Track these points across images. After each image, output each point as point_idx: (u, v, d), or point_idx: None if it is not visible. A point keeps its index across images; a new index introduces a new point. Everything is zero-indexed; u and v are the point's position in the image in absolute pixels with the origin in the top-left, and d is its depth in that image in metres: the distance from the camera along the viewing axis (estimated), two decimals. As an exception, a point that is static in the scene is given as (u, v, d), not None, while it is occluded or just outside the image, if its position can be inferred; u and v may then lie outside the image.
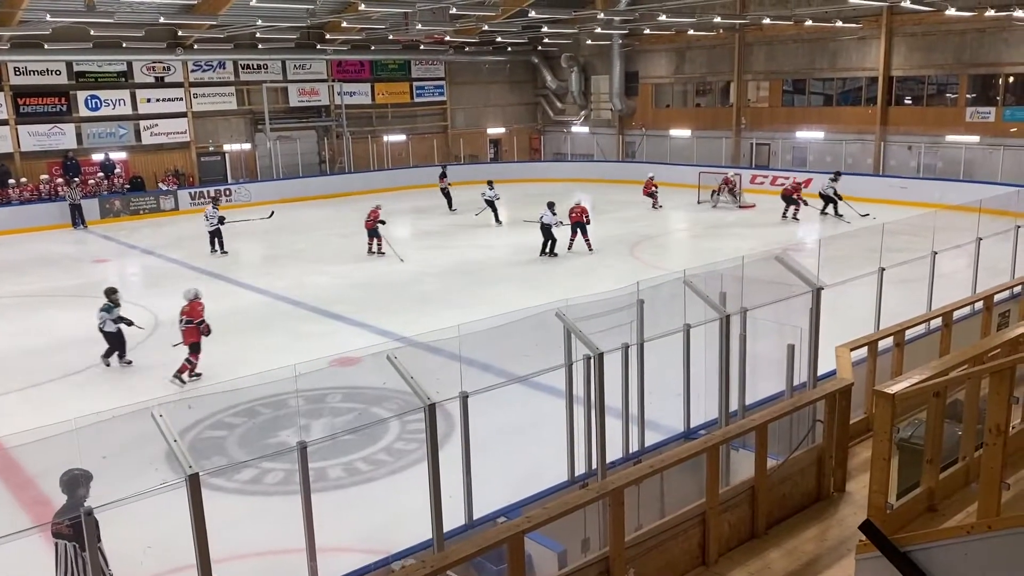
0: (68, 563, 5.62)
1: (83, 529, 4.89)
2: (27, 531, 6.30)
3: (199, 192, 31.01)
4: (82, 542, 5.43)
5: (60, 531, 5.61)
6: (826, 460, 7.06)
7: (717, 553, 6.24)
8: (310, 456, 5.67)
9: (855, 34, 30.09)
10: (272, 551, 7.84)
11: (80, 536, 5.41)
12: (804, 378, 8.16)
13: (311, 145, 35.34)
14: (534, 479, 7.40)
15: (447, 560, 5.08)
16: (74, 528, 5.53)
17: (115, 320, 13.42)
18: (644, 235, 23.70)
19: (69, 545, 5.60)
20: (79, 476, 5.59)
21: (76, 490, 5.60)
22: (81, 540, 5.44)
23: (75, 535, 5.54)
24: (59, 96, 29.29)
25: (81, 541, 5.45)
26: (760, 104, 34.23)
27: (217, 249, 22.76)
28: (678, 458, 6.23)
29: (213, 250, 22.75)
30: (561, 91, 40.29)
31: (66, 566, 5.64)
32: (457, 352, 6.81)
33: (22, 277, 20.66)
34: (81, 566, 5.57)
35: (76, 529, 5.50)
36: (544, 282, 18.30)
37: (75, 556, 5.59)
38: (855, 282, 10.22)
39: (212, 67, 32.19)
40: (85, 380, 13.02)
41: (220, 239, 22.82)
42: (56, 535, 5.63)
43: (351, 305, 16.84)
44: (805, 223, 25.18)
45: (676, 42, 35.50)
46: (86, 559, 5.49)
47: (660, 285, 7.93)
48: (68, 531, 5.58)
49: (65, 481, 5.65)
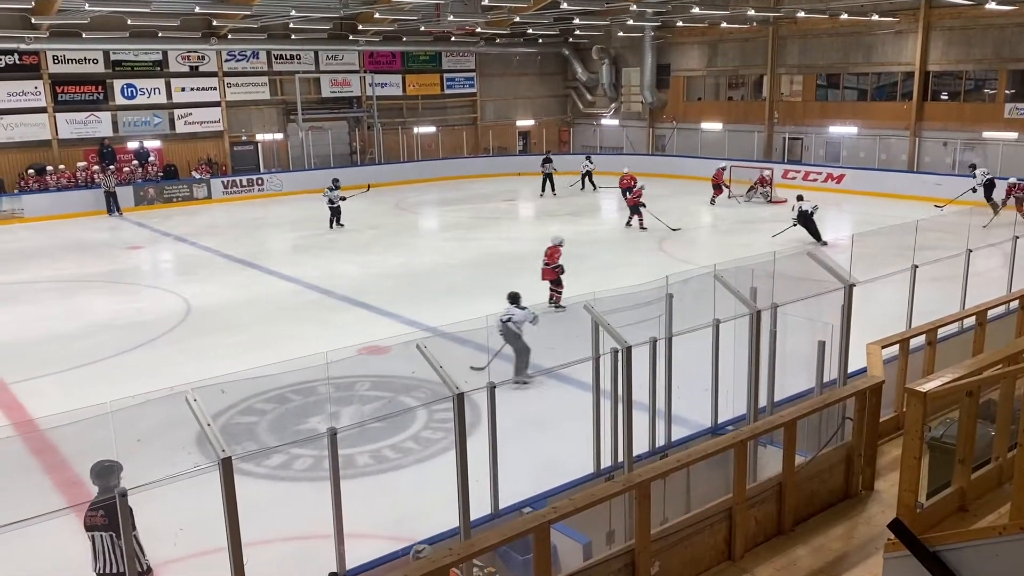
0: (106, 554, 5.63)
1: (118, 514, 4.93)
2: (60, 511, 6.44)
3: (231, 181, 31.34)
4: (117, 530, 5.42)
5: (94, 523, 5.61)
6: (855, 458, 7.01)
7: (743, 549, 6.23)
8: (339, 443, 5.73)
9: (891, 28, 29.64)
10: (299, 536, 7.94)
11: (115, 525, 5.41)
12: (834, 375, 8.10)
13: (342, 136, 35.55)
14: (558, 470, 7.42)
15: (473, 548, 5.11)
16: (108, 518, 5.53)
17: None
18: (673, 229, 23.56)
19: (104, 536, 5.60)
20: (111, 466, 5.59)
21: (108, 480, 5.60)
22: (116, 528, 5.43)
23: (109, 525, 5.55)
24: (96, 84, 29.71)
25: (116, 530, 5.43)
26: (793, 98, 33.87)
27: (335, 225, 24.47)
28: (705, 453, 6.21)
29: (332, 227, 24.39)
30: (591, 83, 40.14)
31: (104, 558, 5.65)
32: (484, 343, 6.86)
33: (57, 263, 21.01)
34: (118, 555, 5.57)
35: (110, 519, 5.51)
36: (570, 275, 18.28)
37: (112, 545, 5.60)
38: (886, 279, 10.12)
39: (246, 57, 32.46)
40: (116, 364, 13.23)
41: (339, 216, 24.54)
42: (90, 528, 5.64)
43: (380, 295, 16.95)
44: (831, 220, 24.93)
45: (709, 35, 35.21)
46: (122, 547, 5.48)
47: (689, 280, 7.90)
48: (102, 521, 5.58)
49: (96, 472, 5.65)
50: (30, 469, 9.11)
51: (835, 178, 30.02)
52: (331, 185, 24.72)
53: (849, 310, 7.94)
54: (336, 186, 24.71)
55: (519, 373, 10.87)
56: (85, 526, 5.67)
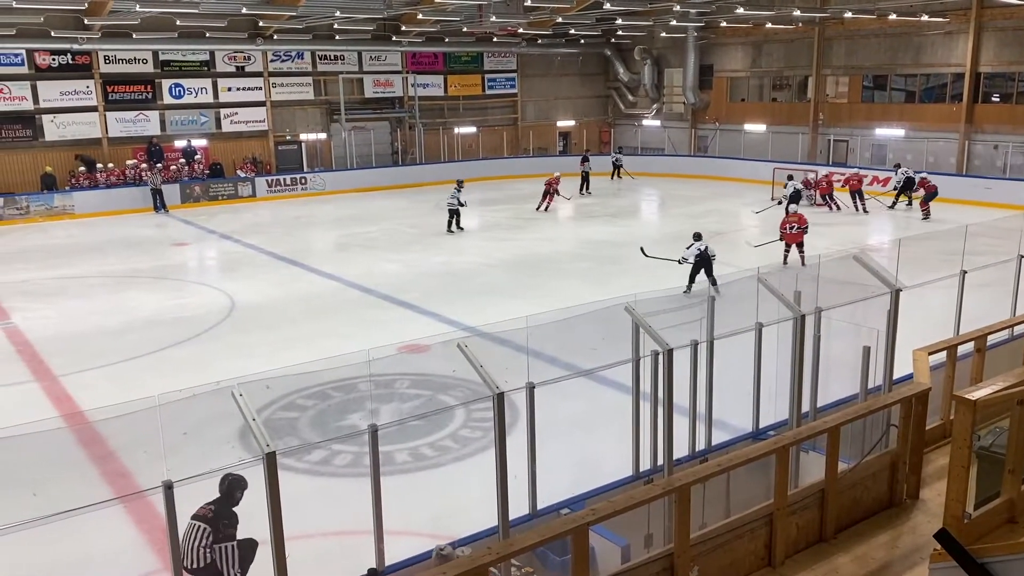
0: (195, 542, 5.86)
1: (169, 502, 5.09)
2: (106, 502, 6.57)
3: (275, 180, 31.77)
4: (216, 528, 5.82)
5: (204, 514, 5.89)
6: (900, 466, 6.89)
7: (784, 555, 6.16)
8: (378, 440, 5.78)
9: (941, 28, 29.05)
10: (339, 532, 8.02)
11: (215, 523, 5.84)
12: (879, 381, 7.97)
13: (384, 136, 35.83)
14: (596, 472, 7.40)
15: (512, 548, 5.13)
16: (215, 513, 5.89)
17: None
18: (715, 231, 23.32)
19: (202, 527, 5.86)
20: (237, 480, 5.89)
21: (234, 493, 5.91)
22: (216, 526, 5.83)
23: (213, 520, 5.88)
24: (145, 84, 30.31)
25: (216, 527, 5.83)
26: (839, 100, 33.36)
27: (455, 228, 23.83)
28: (747, 458, 6.15)
29: (450, 230, 23.78)
30: (633, 84, 39.95)
31: (191, 544, 5.88)
32: (523, 343, 6.86)
33: (105, 258, 21.48)
34: (206, 546, 5.84)
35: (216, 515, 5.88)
36: (610, 277, 18.23)
37: (202, 535, 5.84)
38: (934, 285, 9.92)
39: (291, 57, 32.87)
40: (162, 359, 13.48)
41: (458, 218, 23.90)
42: (195, 517, 5.92)
43: (419, 293, 17.06)
44: (876, 222, 24.52)
45: (753, 35, 34.84)
46: (215, 549, 5.83)
47: (732, 282, 7.83)
48: (210, 514, 5.90)
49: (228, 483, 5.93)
50: (78, 460, 9.32)
51: (881, 181, 29.49)
52: (456, 186, 24.12)
53: (895, 315, 7.81)
54: (460, 187, 24.13)
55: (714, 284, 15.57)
56: (192, 515, 5.94)
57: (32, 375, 12.90)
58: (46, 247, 23.12)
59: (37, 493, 6.83)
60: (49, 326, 15.43)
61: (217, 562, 5.85)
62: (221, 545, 5.85)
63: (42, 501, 5.96)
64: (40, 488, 7.05)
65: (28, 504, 6.20)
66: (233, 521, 5.92)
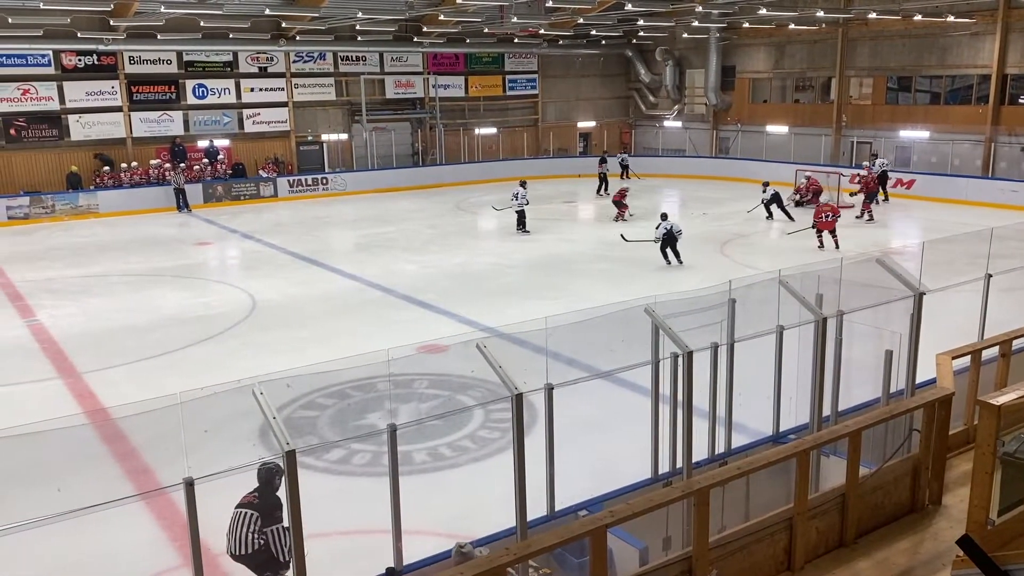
0: (244, 529, 6.03)
1: (190, 499, 5.15)
2: (128, 498, 6.65)
3: (297, 180, 31.96)
4: (264, 513, 5.96)
5: (250, 501, 6.05)
6: (922, 471, 6.82)
7: (803, 559, 6.11)
8: (397, 439, 5.80)
9: (968, 30, 28.73)
10: (357, 531, 8.05)
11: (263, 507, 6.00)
12: (901, 385, 7.90)
13: (405, 136, 35.94)
14: (614, 474, 7.38)
15: (530, 548, 5.12)
16: (260, 499, 6.06)
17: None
18: (735, 233, 23.25)
19: (250, 513, 6.02)
20: (274, 468, 6.00)
21: (273, 479, 6.04)
22: (263, 511, 5.98)
23: (259, 506, 6.04)
24: (169, 84, 30.58)
25: (263, 512, 5.97)
26: (862, 101, 33.08)
27: (522, 229, 23.83)
28: (767, 461, 6.11)
29: (521, 228, 23.85)
30: (654, 85, 39.82)
31: (240, 532, 6.05)
32: (542, 344, 6.85)
33: (129, 256, 21.69)
34: (255, 531, 5.99)
35: (262, 500, 6.04)
36: (629, 278, 18.17)
37: (251, 521, 6.00)
38: (957, 288, 9.82)
39: (313, 58, 33.05)
40: (184, 357, 13.60)
41: (524, 220, 23.91)
42: (241, 505, 6.09)
43: (438, 294, 17.10)
44: (899, 225, 24.29)
45: (776, 36, 34.63)
46: (267, 533, 5.99)
47: (753, 285, 7.79)
48: (251, 499, 6.07)
49: (266, 471, 6.08)
50: (101, 456, 9.42)
51: (905, 183, 29.23)
52: (521, 186, 24.19)
53: (918, 319, 7.73)
54: (525, 187, 24.19)
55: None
56: (238, 504, 6.11)
57: (56, 372, 13.06)
58: (71, 246, 23.39)
59: (61, 488, 6.91)
60: (74, 324, 15.61)
61: (270, 545, 5.98)
62: (272, 528, 5.98)
63: (66, 496, 6.02)
64: (64, 483, 7.12)
65: (53, 499, 6.27)
66: (279, 504, 6.01)
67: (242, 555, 6.02)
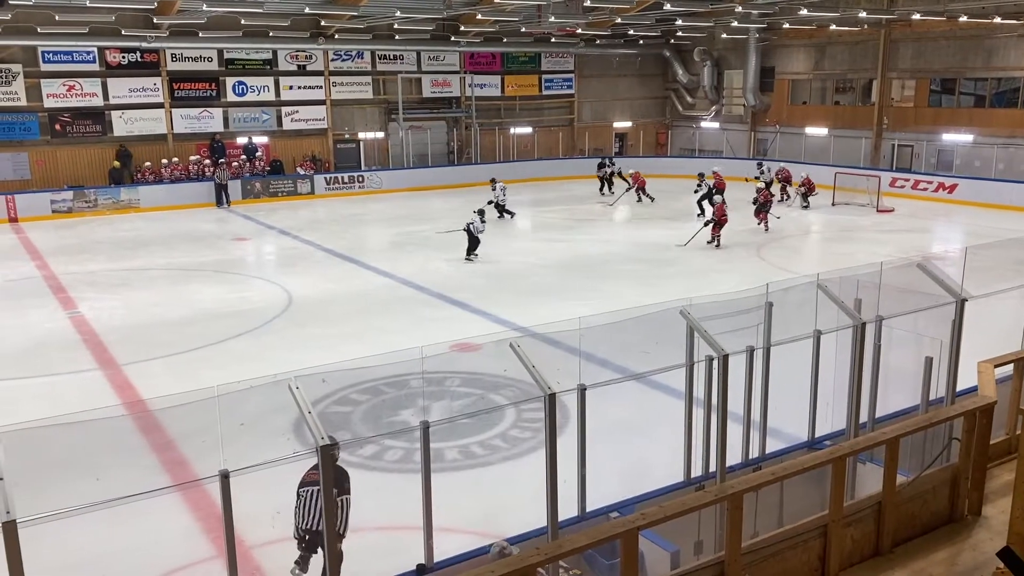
0: (309, 505, 6.14)
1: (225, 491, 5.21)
2: (164, 489, 6.75)
3: (334, 177, 32.23)
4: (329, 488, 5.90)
5: (312, 479, 6.08)
6: (961, 481, 6.68)
7: (838, 567, 6.02)
8: (429, 437, 5.82)
9: (1015, 31, 28.12)
10: (388, 527, 8.10)
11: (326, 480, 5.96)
12: (941, 393, 7.76)
13: (441, 135, 36.05)
14: (645, 477, 7.34)
15: (561, 549, 5.10)
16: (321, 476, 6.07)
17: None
18: (772, 236, 23.01)
19: (314, 488, 6.05)
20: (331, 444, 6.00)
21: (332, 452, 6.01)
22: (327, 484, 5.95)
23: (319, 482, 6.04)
24: (210, 82, 31.00)
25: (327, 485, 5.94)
26: (904, 103, 32.55)
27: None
28: (802, 467, 6.03)
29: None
30: (692, 85, 39.52)
31: (304, 508, 6.17)
32: (574, 344, 6.84)
33: (170, 251, 22.03)
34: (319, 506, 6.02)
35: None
36: (663, 279, 18.07)
37: (315, 498, 6.05)
38: (1001, 295, 9.62)
39: (351, 57, 33.30)
40: (221, 350, 13.78)
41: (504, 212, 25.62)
42: (303, 484, 6.17)
43: (471, 293, 17.13)
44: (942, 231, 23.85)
45: (816, 37, 34.19)
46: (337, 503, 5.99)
47: (790, 288, 7.70)
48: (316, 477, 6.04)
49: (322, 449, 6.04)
50: (138, 447, 9.57)
51: (947, 188, 28.72)
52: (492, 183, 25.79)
53: (960, 326, 7.60)
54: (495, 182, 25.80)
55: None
56: (301, 482, 6.18)
57: (96, 363, 13.30)
58: (112, 239, 23.81)
59: (100, 478, 7.04)
60: (114, 316, 15.89)
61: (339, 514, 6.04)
62: (341, 499, 6.03)
63: (104, 485, 6.13)
64: (102, 473, 7.26)
65: (91, 488, 6.39)
66: (345, 476, 6.11)
67: (315, 529, 6.09)
